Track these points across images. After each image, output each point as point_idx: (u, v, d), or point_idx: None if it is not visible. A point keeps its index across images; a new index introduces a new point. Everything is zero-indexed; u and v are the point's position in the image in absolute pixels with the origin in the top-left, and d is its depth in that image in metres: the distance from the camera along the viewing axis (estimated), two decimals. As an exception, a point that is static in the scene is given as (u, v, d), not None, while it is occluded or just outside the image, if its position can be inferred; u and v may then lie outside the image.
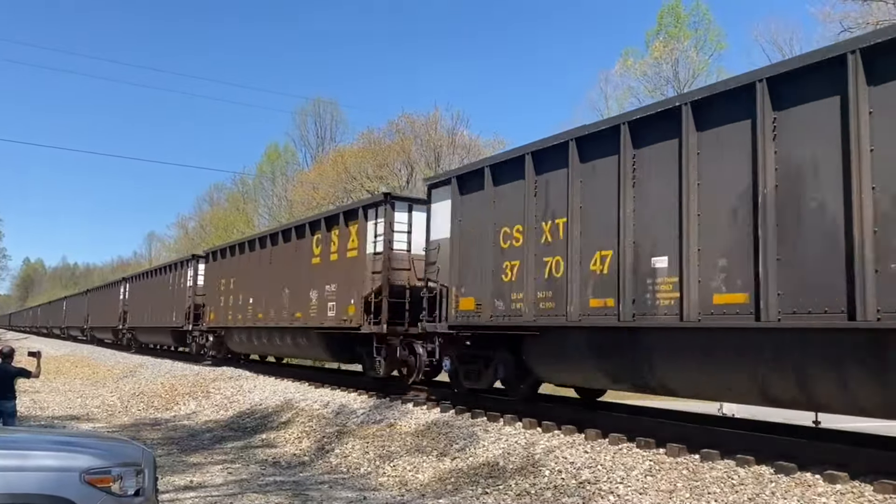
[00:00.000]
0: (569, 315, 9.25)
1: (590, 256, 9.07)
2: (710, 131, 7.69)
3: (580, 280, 9.17)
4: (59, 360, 33.85)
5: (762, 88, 7.13)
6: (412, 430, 11.03)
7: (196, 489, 8.76)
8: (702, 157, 7.76)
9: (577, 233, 9.30)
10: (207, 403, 17.16)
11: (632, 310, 8.37)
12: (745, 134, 7.25)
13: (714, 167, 7.62)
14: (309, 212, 33.42)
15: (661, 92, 32.67)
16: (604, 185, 8.93)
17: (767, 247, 6.92)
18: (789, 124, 6.91)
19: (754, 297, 7.02)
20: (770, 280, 6.88)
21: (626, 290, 8.44)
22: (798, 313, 6.70)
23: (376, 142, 38.85)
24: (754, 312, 7.01)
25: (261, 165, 59.25)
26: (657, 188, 8.23)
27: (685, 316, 7.69)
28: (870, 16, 21.51)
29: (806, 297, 6.66)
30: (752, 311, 7.04)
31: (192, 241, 59.28)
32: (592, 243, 9.05)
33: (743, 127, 7.30)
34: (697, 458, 7.66)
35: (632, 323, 8.39)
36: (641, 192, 8.44)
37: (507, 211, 10.60)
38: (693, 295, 7.65)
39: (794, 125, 6.89)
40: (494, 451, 9.32)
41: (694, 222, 7.71)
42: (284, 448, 11.91)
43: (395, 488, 8.82)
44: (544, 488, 7.81)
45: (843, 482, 6.44)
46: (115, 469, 4.83)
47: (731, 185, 7.41)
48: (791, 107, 6.95)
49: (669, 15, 36.04)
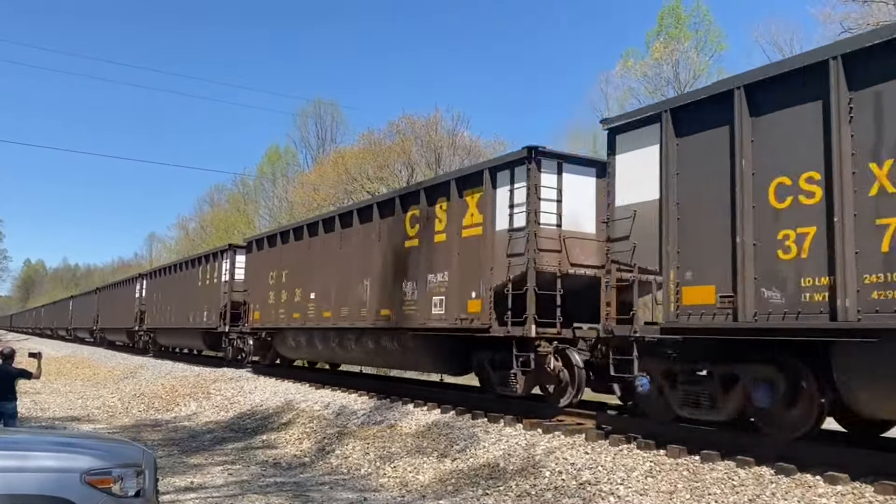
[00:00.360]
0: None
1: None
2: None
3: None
4: (60, 362, 33.87)
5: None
6: (413, 431, 11.03)
7: (197, 490, 8.76)
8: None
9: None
10: (208, 404, 17.16)
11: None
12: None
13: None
14: (309, 213, 33.42)
15: (662, 93, 32.68)
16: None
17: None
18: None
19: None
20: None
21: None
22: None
23: (377, 143, 38.87)
24: None
25: (261, 166, 59.32)
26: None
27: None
28: (870, 17, 21.51)
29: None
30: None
31: (193, 241, 59.33)
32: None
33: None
34: (698, 460, 7.66)
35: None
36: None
37: (782, 152, 7.24)
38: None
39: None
40: (495, 452, 9.32)
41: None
42: (285, 449, 11.91)
43: (396, 489, 8.82)
44: (545, 489, 7.81)
45: (843, 483, 6.45)
46: (116, 470, 4.84)
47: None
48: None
49: (670, 16, 36.06)
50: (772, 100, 7.39)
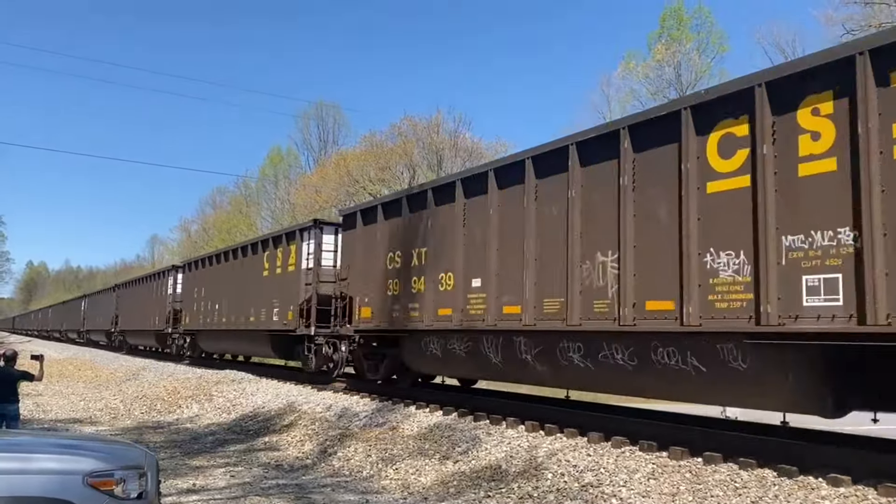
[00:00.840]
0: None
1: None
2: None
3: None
4: (62, 364, 33.89)
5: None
6: (415, 433, 11.03)
7: (199, 492, 8.77)
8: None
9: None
10: (210, 406, 17.17)
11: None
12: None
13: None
14: (311, 215, 33.48)
15: (664, 94, 32.68)
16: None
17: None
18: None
19: None
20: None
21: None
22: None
23: (378, 145, 38.93)
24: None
25: (263, 168, 59.44)
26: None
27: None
28: (873, 18, 21.52)
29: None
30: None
31: (195, 244, 59.41)
32: None
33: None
34: (700, 461, 7.66)
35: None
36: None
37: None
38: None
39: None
40: (497, 454, 9.31)
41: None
42: (287, 451, 11.91)
43: (398, 491, 8.82)
44: (547, 491, 7.80)
45: (846, 486, 6.43)
46: (118, 472, 4.84)
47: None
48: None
49: (672, 17, 36.07)
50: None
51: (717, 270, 7.60)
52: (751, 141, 7.39)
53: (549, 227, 9.85)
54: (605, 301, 8.88)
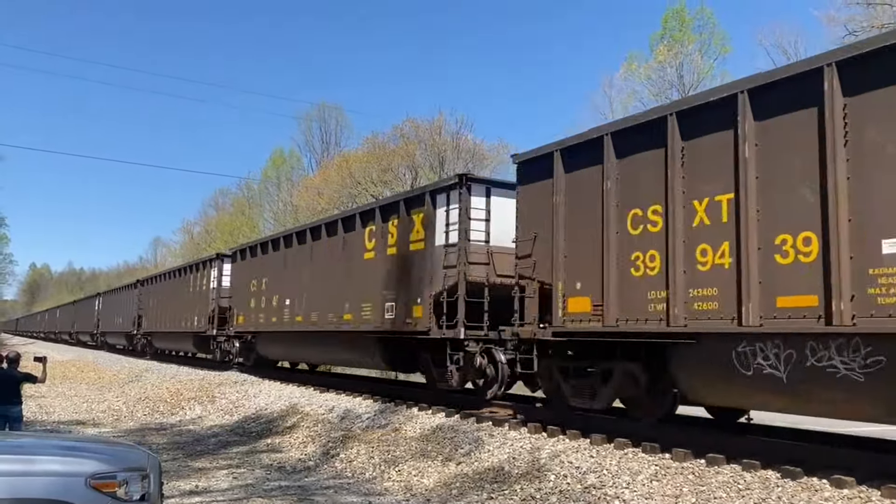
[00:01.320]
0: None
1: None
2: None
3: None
4: (65, 366, 33.93)
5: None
6: (417, 435, 11.02)
7: (201, 494, 8.77)
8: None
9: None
10: (213, 408, 17.18)
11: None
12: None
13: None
14: (313, 217, 33.47)
15: (666, 96, 32.66)
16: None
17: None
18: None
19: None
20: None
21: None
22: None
23: (381, 146, 38.91)
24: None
25: (266, 170, 59.42)
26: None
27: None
28: (875, 19, 21.48)
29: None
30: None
31: (198, 246, 59.42)
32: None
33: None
34: (703, 463, 7.64)
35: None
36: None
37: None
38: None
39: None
40: (500, 455, 9.31)
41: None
42: (290, 453, 11.91)
43: (401, 493, 8.81)
44: (549, 493, 7.79)
45: (849, 487, 6.42)
46: (121, 474, 4.84)
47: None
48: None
49: (674, 19, 36.01)
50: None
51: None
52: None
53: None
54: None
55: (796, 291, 6.98)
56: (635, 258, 8.73)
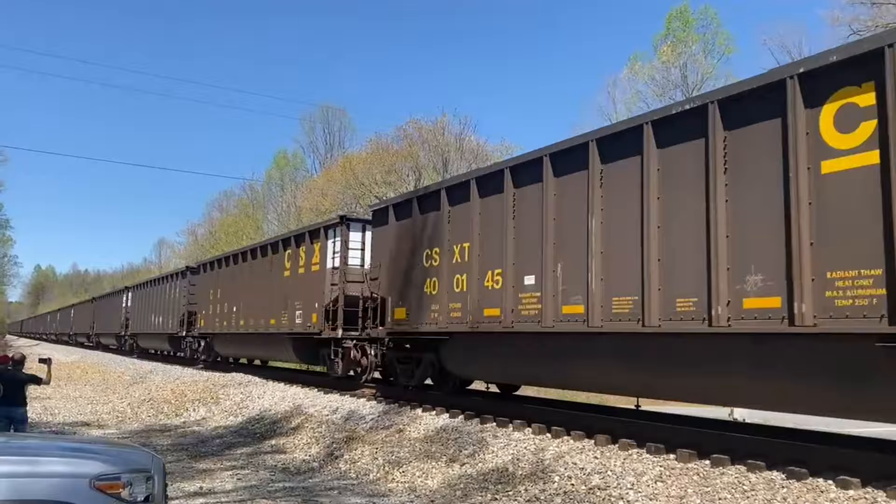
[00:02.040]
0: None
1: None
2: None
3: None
4: (70, 367, 34.02)
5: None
6: (421, 436, 11.01)
7: (206, 495, 8.77)
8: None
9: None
10: (217, 409, 17.19)
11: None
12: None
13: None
14: (317, 218, 33.51)
15: (670, 96, 32.62)
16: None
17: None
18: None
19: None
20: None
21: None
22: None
23: (384, 147, 38.96)
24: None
25: (269, 172, 59.58)
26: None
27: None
28: (879, 18, 21.42)
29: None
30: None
31: (202, 247, 59.52)
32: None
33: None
34: (708, 464, 7.61)
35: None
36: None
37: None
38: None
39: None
40: (504, 456, 9.29)
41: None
42: (294, 454, 11.91)
43: (405, 494, 8.80)
44: (554, 494, 7.78)
45: (855, 488, 6.39)
46: (125, 475, 4.84)
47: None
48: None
49: (678, 19, 36.02)
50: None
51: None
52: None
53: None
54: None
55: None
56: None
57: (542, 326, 9.91)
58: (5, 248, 78.52)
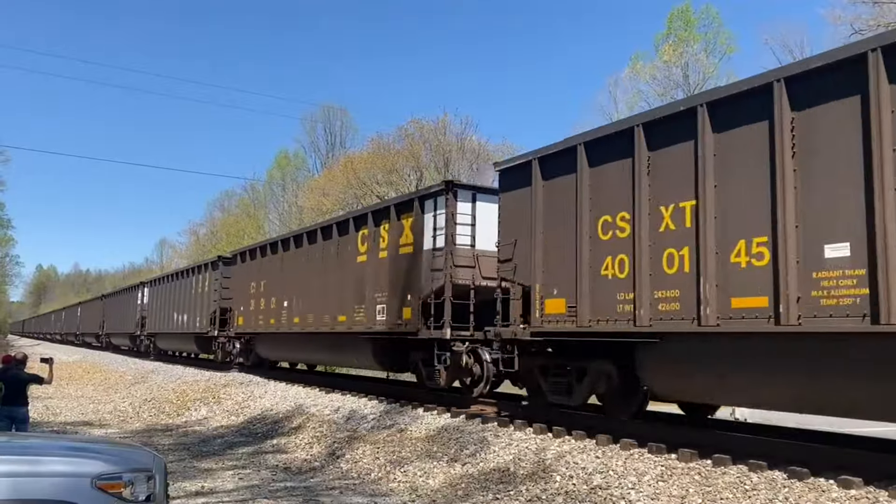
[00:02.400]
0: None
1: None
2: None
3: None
4: (72, 367, 34.07)
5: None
6: (423, 436, 11.01)
7: (207, 495, 8.78)
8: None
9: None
10: (219, 409, 17.20)
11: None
12: None
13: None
14: (318, 218, 33.48)
15: (671, 96, 32.59)
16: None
17: None
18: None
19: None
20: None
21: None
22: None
23: (385, 147, 38.91)
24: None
25: (271, 172, 59.56)
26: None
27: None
28: (882, 17, 21.38)
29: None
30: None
31: (204, 247, 59.55)
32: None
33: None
34: (709, 464, 7.61)
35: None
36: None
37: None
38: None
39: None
40: (505, 456, 9.29)
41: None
42: (295, 453, 11.92)
43: (406, 494, 8.81)
44: (555, 494, 7.78)
45: (857, 487, 6.38)
46: (127, 475, 4.84)
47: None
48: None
49: (679, 18, 35.97)
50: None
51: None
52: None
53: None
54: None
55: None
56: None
57: (872, 325, 6.27)
58: (7, 247, 78.65)
